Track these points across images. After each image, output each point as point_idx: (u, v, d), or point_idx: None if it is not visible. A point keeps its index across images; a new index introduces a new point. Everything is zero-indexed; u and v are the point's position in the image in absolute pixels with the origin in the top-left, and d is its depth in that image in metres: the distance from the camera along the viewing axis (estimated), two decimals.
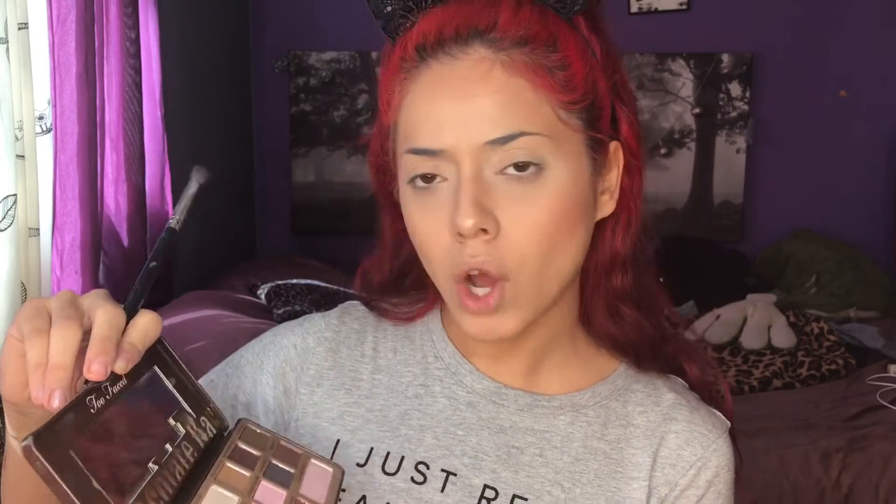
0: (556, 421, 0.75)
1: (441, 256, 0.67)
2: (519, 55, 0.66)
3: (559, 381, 0.76)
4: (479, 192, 0.64)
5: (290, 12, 3.48)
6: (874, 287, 3.08)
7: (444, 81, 0.66)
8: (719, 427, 0.76)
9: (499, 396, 0.75)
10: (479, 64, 0.65)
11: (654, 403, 0.76)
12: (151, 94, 2.52)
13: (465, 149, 0.65)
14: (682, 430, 0.74)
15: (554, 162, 0.66)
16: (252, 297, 2.70)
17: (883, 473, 1.90)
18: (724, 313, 2.81)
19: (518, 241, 0.65)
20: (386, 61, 0.73)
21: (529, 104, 0.65)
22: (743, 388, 2.40)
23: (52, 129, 1.85)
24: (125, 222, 2.36)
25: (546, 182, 0.65)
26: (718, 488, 0.74)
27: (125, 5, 2.29)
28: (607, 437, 0.75)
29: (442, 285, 0.70)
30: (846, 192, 3.36)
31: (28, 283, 1.70)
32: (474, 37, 0.66)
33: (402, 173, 0.70)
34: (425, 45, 0.68)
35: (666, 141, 3.43)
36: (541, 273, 0.67)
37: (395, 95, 0.70)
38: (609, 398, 0.76)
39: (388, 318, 0.81)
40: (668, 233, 3.43)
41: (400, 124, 0.70)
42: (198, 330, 2.15)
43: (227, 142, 3.34)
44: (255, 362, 0.80)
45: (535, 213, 0.65)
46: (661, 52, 3.38)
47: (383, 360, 0.79)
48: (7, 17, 1.59)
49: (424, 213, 0.68)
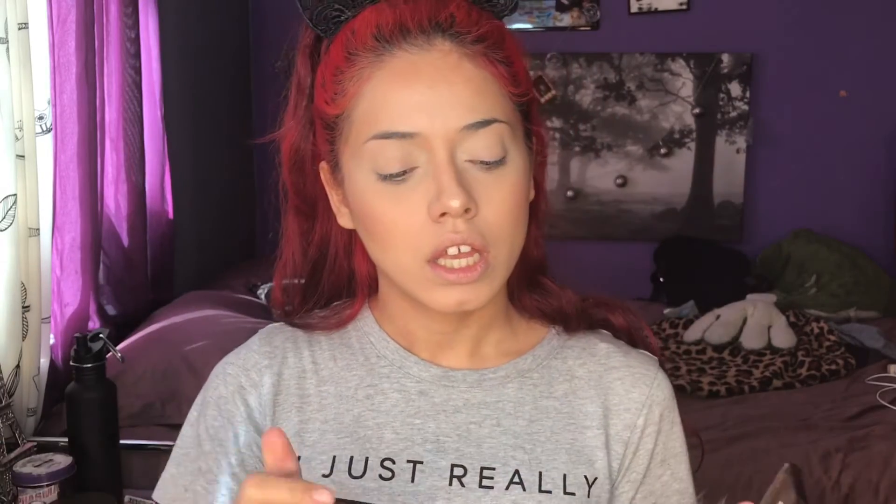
0: (505, 390, 0.79)
1: (409, 241, 0.69)
2: (479, 49, 0.70)
3: (501, 354, 0.81)
4: (458, 174, 0.68)
5: (291, 12, 3.47)
6: (874, 287, 3.08)
7: (416, 69, 0.69)
8: (653, 364, 0.83)
9: (447, 379, 0.78)
10: (448, 55, 0.69)
11: (591, 354, 0.82)
12: (151, 94, 2.52)
13: (440, 133, 0.68)
14: (625, 376, 0.81)
15: (512, 149, 0.71)
16: (252, 297, 2.70)
17: (883, 473, 1.90)
18: (724, 313, 2.81)
19: (493, 220, 0.69)
20: (321, 55, 0.75)
21: (496, 94, 0.71)
22: (743, 388, 2.40)
23: (52, 129, 1.85)
24: (125, 222, 2.36)
25: (509, 168, 0.71)
26: (671, 417, 0.81)
27: (125, 5, 2.29)
28: (555, 393, 0.80)
29: (407, 269, 0.71)
30: (846, 192, 3.36)
31: (28, 283, 1.70)
32: (436, 30, 0.70)
33: (365, 162, 0.70)
34: (384, 34, 0.70)
35: (666, 141, 3.43)
36: (511, 248, 0.72)
37: (347, 84, 0.71)
38: (548, 358, 0.81)
39: (318, 330, 0.82)
40: (668, 233, 3.43)
41: (357, 113, 0.71)
42: (198, 330, 2.15)
43: (227, 142, 3.33)
44: (225, 437, 0.77)
45: (504, 195, 0.70)
46: (661, 52, 3.38)
47: (325, 370, 0.80)
48: (7, 17, 1.59)
49: (392, 201, 0.69)
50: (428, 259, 0.69)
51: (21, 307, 1.67)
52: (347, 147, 0.72)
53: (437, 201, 0.67)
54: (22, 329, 1.68)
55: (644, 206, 3.47)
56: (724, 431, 2.09)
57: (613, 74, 3.41)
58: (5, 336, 1.63)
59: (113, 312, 2.23)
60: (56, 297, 1.94)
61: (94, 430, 1.53)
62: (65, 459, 1.43)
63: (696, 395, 2.35)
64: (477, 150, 0.69)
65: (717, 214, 3.45)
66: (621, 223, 3.47)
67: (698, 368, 2.56)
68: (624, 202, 3.47)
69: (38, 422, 1.80)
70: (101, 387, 1.54)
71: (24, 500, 1.38)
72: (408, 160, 0.69)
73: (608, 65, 3.41)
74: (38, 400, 1.78)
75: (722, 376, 2.48)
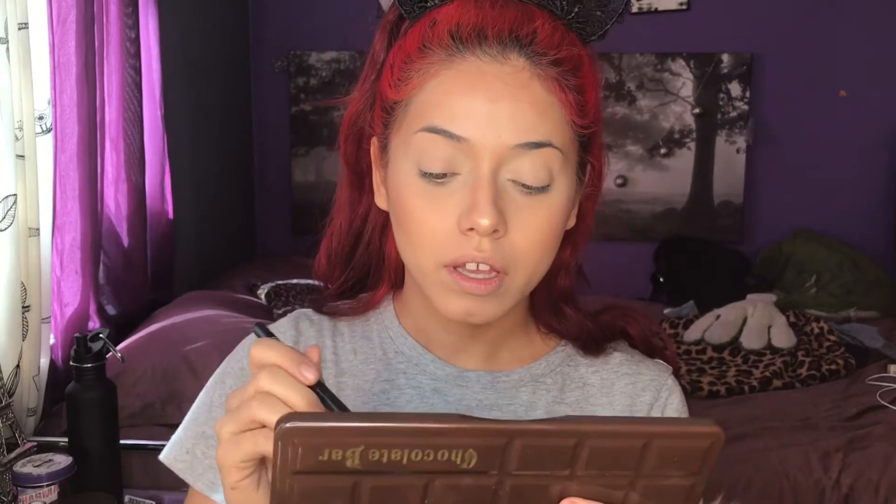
0: (518, 393, 0.79)
1: (433, 244, 0.69)
2: (553, 72, 0.69)
3: (515, 359, 0.81)
4: (495, 193, 0.67)
5: (290, 12, 3.48)
6: (874, 287, 3.08)
7: (484, 78, 0.67)
8: (665, 371, 0.83)
9: (462, 379, 0.79)
10: (521, 72, 0.68)
11: (604, 363, 0.82)
12: (151, 94, 2.52)
13: (489, 146, 0.67)
14: (636, 382, 0.81)
15: (560, 178, 0.69)
16: (252, 297, 2.70)
17: (883, 473, 1.90)
18: (724, 313, 2.81)
19: (520, 245, 0.69)
20: (399, 35, 0.74)
21: (558, 119, 0.69)
22: (743, 388, 2.40)
23: (52, 129, 1.85)
24: (125, 222, 2.36)
25: (551, 197, 0.69)
26: None
27: (125, 5, 2.29)
28: (566, 399, 0.80)
29: (424, 269, 0.71)
30: (846, 192, 3.36)
31: (28, 283, 1.70)
32: (514, 45, 0.68)
33: (411, 154, 0.69)
34: (461, 35, 0.68)
35: (666, 141, 3.43)
36: (532, 274, 0.71)
37: (413, 74, 0.70)
38: (562, 365, 0.82)
39: (342, 315, 0.83)
40: (668, 233, 3.43)
41: (415, 103, 0.70)
42: (198, 330, 2.15)
43: (227, 142, 3.33)
44: None
45: (539, 223, 0.69)
46: (661, 52, 3.38)
47: (345, 363, 0.81)
48: (7, 17, 1.59)
49: (427, 200, 0.69)
50: (446, 265, 0.69)
51: (21, 307, 1.67)
52: (398, 134, 0.71)
53: (467, 215, 0.67)
54: (22, 329, 1.68)
55: (644, 206, 3.47)
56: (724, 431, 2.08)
57: (613, 74, 3.41)
58: (5, 336, 1.63)
59: (113, 312, 2.23)
60: (56, 297, 1.94)
61: (94, 430, 1.53)
62: (65, 459, 1.43)
63: (696, 396, 2.35)
64: (522, 171, 0.68)
65: (717, 214, 3.45)
66: (621, 223, 3.46)
67: (698, 368, 2.56)
68: (624, 202, 3.47)
69: (38, 422, 1.80)
70: (101, 387, 1.54)
71: (24, 500, 1.38)
72: (451, 164, 0.68)
73: (608, 65, 3.41)
74: (38, 400, 1.78)
75: (722, 376, 2.48)
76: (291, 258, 3.27)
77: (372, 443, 0.45)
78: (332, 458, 0.45)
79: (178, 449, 0.80)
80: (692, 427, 0.49)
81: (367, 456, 0.45)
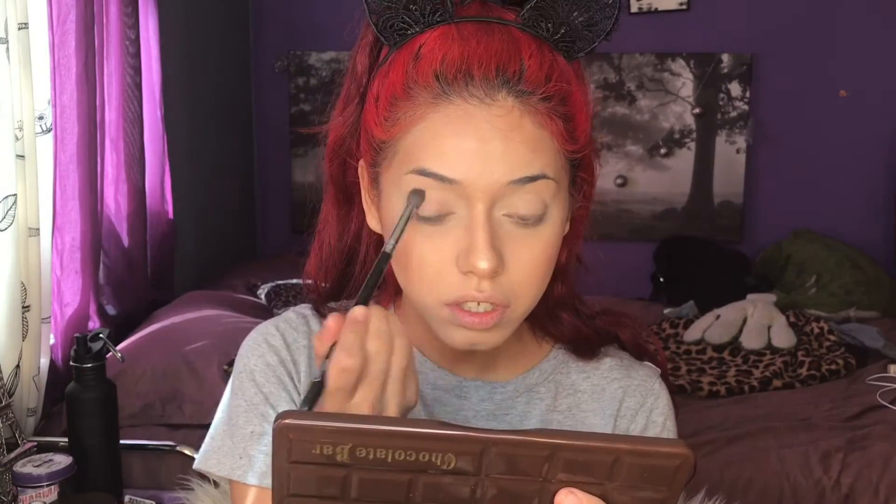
0: (514, 403, 0.82)
1: (434, 283, 0.69)
2: (543, 107, 0.67)
3: (511, 368, 0.83)
4: (492, 232, 0.67)
5: (290, 12, 3.48)
6: (874, 287, 3.08)
7: (472, 121, 0.66)
8: (653, 375, 0.85)
9: (461, 390, 0.81)
10: (510, 112, 0.66)
11: (594, 368, 0.85)
12: (151, 94, 2.52)
13: (482, 186, 0.66)
14: (626, 386, 0.83)
15: (553, 205, 0.69)
16: (252, 297, 2.70)
17: (883, 473, 1.90)
18: (724, 313, 2.81)
19: (518, 280, 0.69)
20: (379, 58, 0.73)
21: (549, 150, 0.68)
22: (743, 388, 2.40)
23: (52, 129, 1.85)
24: (125, 222, 2.36)
25: (546, 227, 0.69)
26: (669, 426, 0.84)
27: (125, 5, 2.29)
28: (559, 407, 0.82)
29: (426, 305, 0.71)
30: (846, 192, 3.36)
31: (28, 283, 1.70)
32: (502, 84, 0.66)
33: (404, 193, 0.68)
34: (446, 76, 0.66)
35: (666, 141, 3.43)
36: (532, 301, 0.72)
37: (400, 115, 0.68)
38: (554, 373, 0.84)
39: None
40: (668, 233, 3.44)
41: (403, 144, 0.69)
42: (198, 330, 2.15)
43: (226, 142, 3.33)
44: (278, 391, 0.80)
45: (535, 255, 0.69)
46: (661, 52, 3.38)
47: None
48: (7, 17, 1.59)
49: (424, 239, 0.68)
50: (448, 304, 0.69)
51: (21, 307, 1.67)
52: (389, 172, 0.70)
53: (466, 258, 0.66)
54: (22, 329, 1.68)
55: (644, 206, 3.47)
56: (724, 431, 2.09)
57: (613, 74, 3.41)
58: (5, 336, 1.63)
59: (113, 312, 2.23)
60: (56, 297, 1.94)
61: (94, 430, 1.53)
62: (65, 459, 1.43)
63: (696, 396, 2.35)
64: (517, 205, 0.67)
65: (717, 214, 3.45)
66: (621, 223, 3.47)
67: (698, 368, 2.56)
68: (624, 202, 3.47)
69: (38, 422, 1.80)
70: (101, 387, 1.54)
71: (24, 500, 1.38)
72: (445, 206, 0.67)
73: (608, 65, 3.41)
74: (38, 400, 1.78)
75: (722, 376, 2.48)
76: (291, 258, 3.26)
77: (358, 442, 0.49)
78: (324, 452, 0.49)
79: (229, 457, 0.79)
80: (660, 447, 0.51)
81: (354, 452, 0.49)
